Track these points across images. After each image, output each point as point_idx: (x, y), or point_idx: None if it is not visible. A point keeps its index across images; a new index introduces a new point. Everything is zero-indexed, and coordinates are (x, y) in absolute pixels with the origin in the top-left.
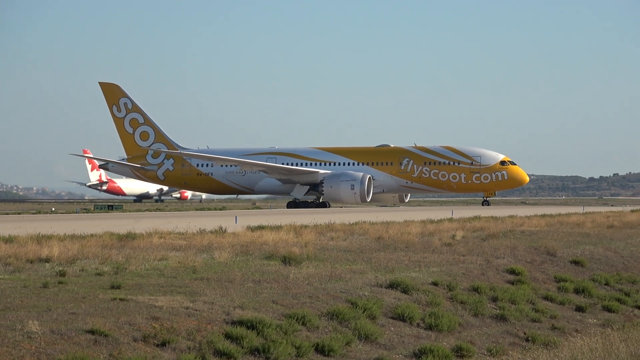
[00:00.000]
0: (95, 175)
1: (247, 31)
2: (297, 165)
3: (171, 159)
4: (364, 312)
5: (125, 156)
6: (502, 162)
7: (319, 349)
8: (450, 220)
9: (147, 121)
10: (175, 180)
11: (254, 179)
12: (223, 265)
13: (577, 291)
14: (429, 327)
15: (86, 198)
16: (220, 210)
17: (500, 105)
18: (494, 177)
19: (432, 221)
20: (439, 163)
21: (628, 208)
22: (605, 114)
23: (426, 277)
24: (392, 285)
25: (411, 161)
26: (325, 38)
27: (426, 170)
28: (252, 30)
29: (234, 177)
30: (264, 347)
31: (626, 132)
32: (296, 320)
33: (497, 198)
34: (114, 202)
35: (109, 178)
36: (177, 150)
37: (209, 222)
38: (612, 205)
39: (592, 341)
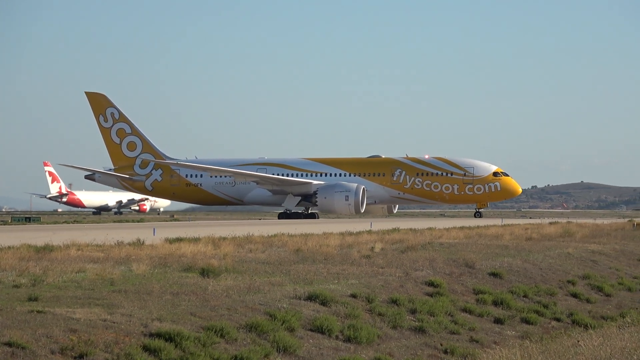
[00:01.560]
0: (55, 188)
1: (236, 42)
2: (287, 176)
3: (159, 169)
4: (282, 324)
5: (112, 166)
6: (495, 174)
7: None
8: (369, 232)
9: (135, 131)
10: (164, 191)
11: (244, 190)
12: (141, 277)
13: (495, 303)
14: (348, 339)
15: (3, 210)
16: (138, 222)
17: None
18: (486, 188)
19: (350, 233)
20: (432, 174)
21: (546, 220)
22: (523, 127)
23: (345, 289)
24: (310, 298)
25: (403, 172)
26: (314, 48)
27: (418, 181)
28: (240, 41)
29: (223, 188)
30: (182, 359)
31: (545, 145)
32: (214, 332)
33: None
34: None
35: (68, 190)
36: (164, 160)
37: (126, 234)
38: (530, 218)
39: (510, 353)
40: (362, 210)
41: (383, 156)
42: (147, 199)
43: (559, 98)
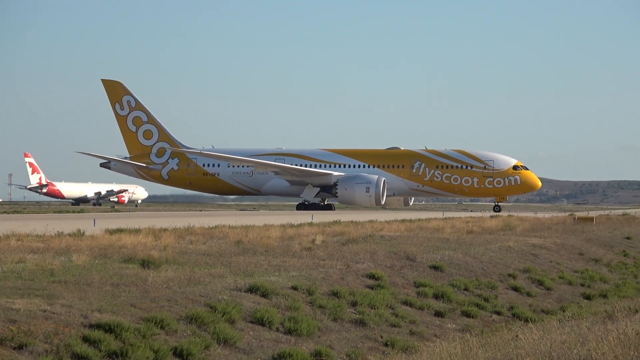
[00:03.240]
0: (35, 179)
1: (255, 30)
2: (306, 166)
3: (176, 158)
4: (223, 316)
5: (128, 155)
6: (515, 167)
7: (178, 353)
8: (311, 224)
9: (151, 119)
10: (180, 180)
11: (262, 180)
12: (81, 268)
13: (436, 296)
14: (289, 332)
15: None
16: (79, 213)
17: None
18: (506, 182)
19: (292, 225)
20: (452, 167)
21: (487, 214)
22: (467, 120)
23: (286, 281)
24: (251, 290)
25: (423, 164)
26: (333, 38)
27: (438, 173)
28: (259, 29)
29: (241, 178)
30: (122, 350)
31: (486, 139)
32: (155, 323)
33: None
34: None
35: (48, 181)
36: (180, 149)
37: (67, 225)
38: (471, 211)
39: (450, 346)
40: (383, 202)
41: (402, 148)
42: (125, 190)
43: (506, 93)
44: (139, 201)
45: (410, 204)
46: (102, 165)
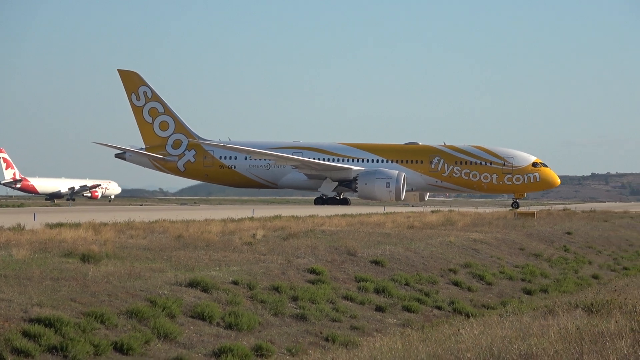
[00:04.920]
0: (9, 174)
1: (272, 23)
2: (324, 160)
3: (192, 150)
4: (163, 311)
5: (143, 146)
6: (534, 164)
7: (118, 348)
8: (251, 219)
9: (167, 111)
10: (196, 173)
11: (279, 174)
12: (21, 262)
13: (377, 291)
14: (229, 326)
15: None
16: (18, 207)
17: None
18: (525, 179)
19: (233, 220)
20: (471, 163)
21: (428, 209)
22: (484, 115)
23: (226, 276)
24: (191, 284)
25: (442, 160)
26: (351, 31)
27: (457, 169)
28: (277, 21)
29: (258, 171)
30: (62, 345)
31: (429, 133)
32: (95, 318)
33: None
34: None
35: (22, 177)
36: (196, 140)
37: (7, 219)
38: (412, 206)
39: (391, 341)
40: (403, 198)
41: (420, 143)
42: (99, 185)
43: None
44: (113, 196)
45: (426, 199)
46: (116, 155)
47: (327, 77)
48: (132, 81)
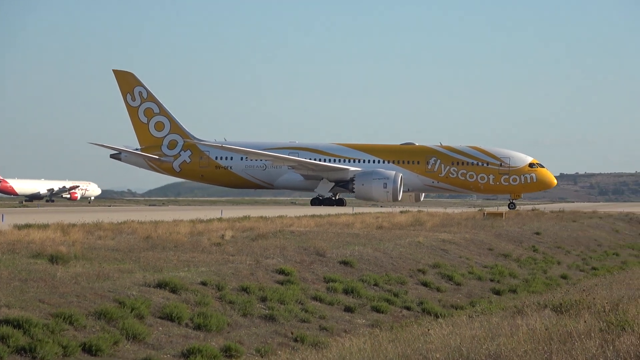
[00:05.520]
0: None
1: (268, 22)
2: (320, 161)
3: (188, 150)
4: (131, 312)
5: (138, 146)
6: (531, 165)
7: (86, 349)
8: (220, 220)
9: (163, 111)
10: (192, 173)
11: (275, 174)
12: None
13: (346, 292)
14: (198, 327)
15: None
16: None
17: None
18: (522, 180)
19: (201, 221)
20: (467, 163)
21: (397, 209)
22: (480, 116)
23: (195, 276)
24: (160, 285)
25: (438, 161)
26: (347, 32)
27: (454, 170)
28: (273, 21)
29: (254, 172)
30: (31, 346)
31: (430, 134)
32: (63, 319)
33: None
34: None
35: (1, 178)
36: (192, 141)
37: None
38: (381, 207)
39: (360, 341)
40: (400, 198)
41: (416, 143)
42: (77, 186)
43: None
44: (92, 197)
45: (421, 199)
46: (112, 156)
47: (322, 78)
48: (127, 81)
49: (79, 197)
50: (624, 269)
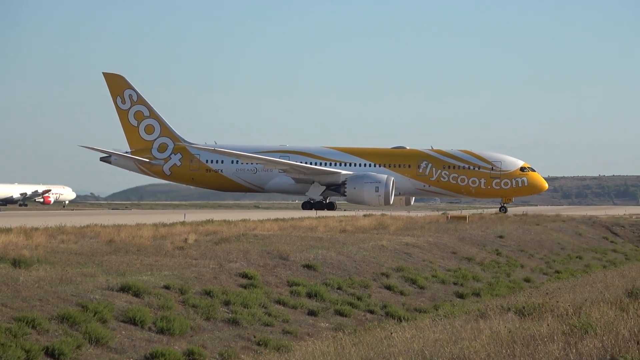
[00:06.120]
0: None
1: (257, 26)
2: (311, 164)
3: (179, 153)
4: (94, 316)
5: (129, 149)
6: (522, 169)
7: (49, 353)
8: (183, 223)
9: (153, 114)
10: (182, 176)
11: (266, 177)
12: None
13: (309, 295)
14: (161, 331)
15: None
16: None
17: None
18: (514, 183)
19: (164, 225)
20: (459, 167)
21: (360, 213)
22: (471, 119)
23: (158, 280)
24: (123, 289)
25: (430, 164)
26: (337, 35)
27: (445, 174)
28: (261, 25)
29: (244, 175)
30: None
31: (421, 138)
32: (26, 323)
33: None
34: None
35: None
36: (182, 144)
37: None
38: (345, 210)
39: (324, 345)
40: (391, 202)
41: (407, 147)
42: (49, 190)
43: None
44: (67, 202)
45: (412, 203)
46: (102, 159)
47: (313, 81)
48: (117, 84)
49: (52, 201)
50: (587, 272)
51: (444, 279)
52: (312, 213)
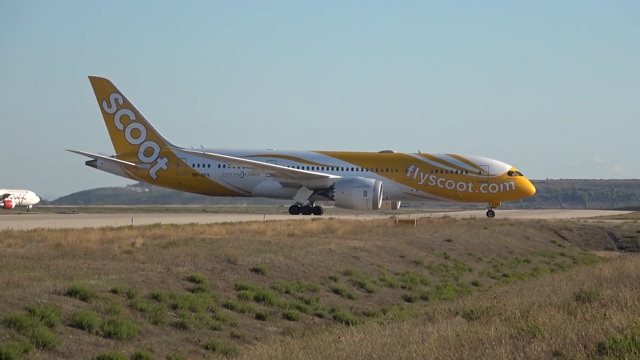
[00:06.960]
0: None
1: (244, 29)
2: (298, 168)
3: (165, 157)
4: (42, 320)
5: (114, 153)
6: (510, 173)
7: None
8: (131, 227)
9: (139, 118)
10: (169, 180)
11: (253, 181)
12: None
13: (257, 299)
14: (108, 335)
15: None
16: None
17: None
18: (501, 188)
19: (112, 228)
20: (446, 171)
21: (308, 217)
22: (457, 123)
23: (105, 284)
24: (70, 293)
25: (417, 169)
26: (325, 38)
27: (433, 178)
28: (248, 28)
29: (231, 179)
30: None
31: (408, 142)
32: None
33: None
34: None
35: None
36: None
37: None
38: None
39: (271, 349)
40: (379, 206)
41: (394, 151)
42: (8, 195)
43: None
44: (30, 206)
45: (398, 207)
46: (87, 163)
47: (300, 85)
48: (103, 88)
49: (13, 205)
50: (534, 275)
51: (392, 283)
52: (260, 217)
